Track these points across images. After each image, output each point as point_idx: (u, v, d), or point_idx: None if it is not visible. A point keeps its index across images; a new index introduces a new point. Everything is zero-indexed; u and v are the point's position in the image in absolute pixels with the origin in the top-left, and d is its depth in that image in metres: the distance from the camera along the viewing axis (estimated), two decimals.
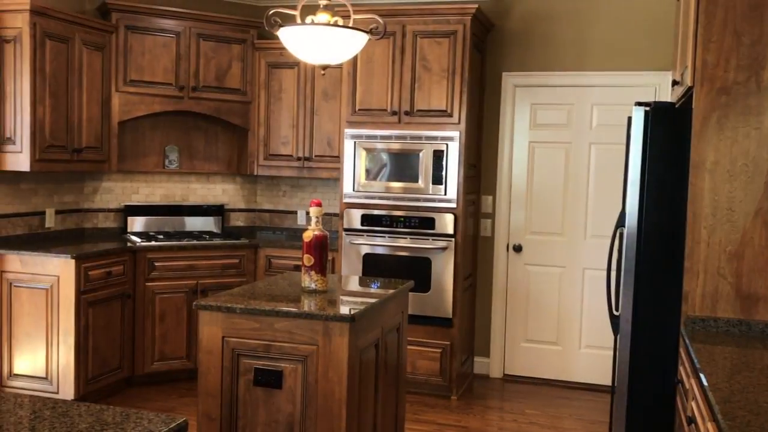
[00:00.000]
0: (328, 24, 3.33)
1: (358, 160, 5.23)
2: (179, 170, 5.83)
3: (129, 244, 5.09)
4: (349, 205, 5.26)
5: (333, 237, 5.18)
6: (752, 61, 3.04)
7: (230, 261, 5.39)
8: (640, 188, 3.38)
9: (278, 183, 6.18)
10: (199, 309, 3.12)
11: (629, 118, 3.50)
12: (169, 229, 5.73)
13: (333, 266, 5.34)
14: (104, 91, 5.18)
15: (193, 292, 5.21)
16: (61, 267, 4.51)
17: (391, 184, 5.19)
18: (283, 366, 3.02)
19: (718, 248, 3.09)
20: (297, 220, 6.14)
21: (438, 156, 5.05)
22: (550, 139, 5.53)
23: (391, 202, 5.18)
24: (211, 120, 5.81)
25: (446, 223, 5.06)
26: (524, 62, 5.54)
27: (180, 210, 5.83)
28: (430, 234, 5.09)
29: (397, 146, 5.15)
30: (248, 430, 3.07)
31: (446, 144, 5.03)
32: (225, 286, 4.78)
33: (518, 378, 5.66)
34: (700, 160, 3.11)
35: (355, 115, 5.24)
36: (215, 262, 5.32)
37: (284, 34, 3.38)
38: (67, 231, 5.35)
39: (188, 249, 5.23)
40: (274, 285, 3.55)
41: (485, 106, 5.62)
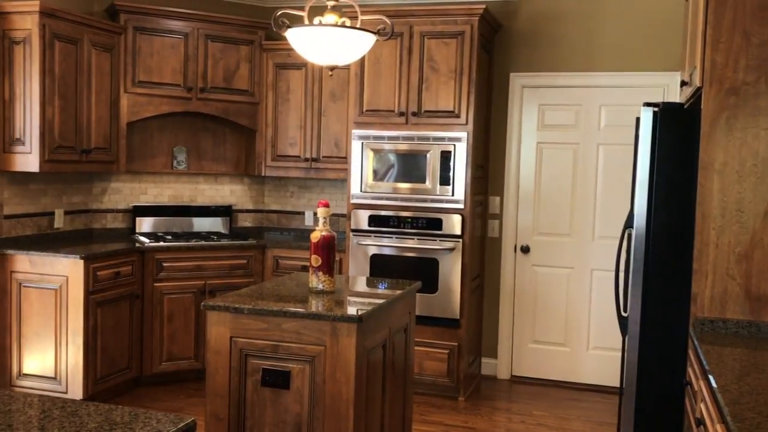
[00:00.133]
0: (336, 25, 3.33)
1: (365, 160, 5.23)
2: (187, 171, 5.85)
3: (137, 244, 5.11)
4: (357, 206, 5.27)
5: (340, 238, 5.18)
6: (761, 61, 3.02)
7: (238, 261, 5.40)
8: (648, 189, 3.36)
9: (286, 184, 6.18)
10: (207, 309, 3.13)
11: (637, 119, 3.48)
12: (177, 230, 5.75)
13: (340, 267, 5.35)
14: (113, 92, 5.21)
15: (201, 293, 5.23)
16: (70, 267, 4.53)
17: (399, 184, 5.19)
18: (290, 366, 3.02)
19: (727, 249, 3.07)
20: (304, 221, 6.15)
21: (445, 157, 5.05)
22: (558, 140, 5.52)
23: (398, 203, 5.18)
24: (219, 121, 5.83)
25: (454, 224, 5.06)
26: (532, 63, 5.53)
27: (188, 211, 5.85)
28: (437, 235, 5.09)
29: (405, 147, 5.15)
30: (256, 430, 3.07)
31: (454, 145, 5.03)
32: (233, 287, 4.79)
33: (526, 379, 5.65)
34: (709, 161, 3.10)
35: (362, 115, 5.24)
36: (223, 263, 5.34)
37: (292, 35, 3.38)
38: (76, 231, 5.37)
39: (196, 249, 5.25)
40: (281, 285, 3.55)
41: (493, 107, 5.62)
